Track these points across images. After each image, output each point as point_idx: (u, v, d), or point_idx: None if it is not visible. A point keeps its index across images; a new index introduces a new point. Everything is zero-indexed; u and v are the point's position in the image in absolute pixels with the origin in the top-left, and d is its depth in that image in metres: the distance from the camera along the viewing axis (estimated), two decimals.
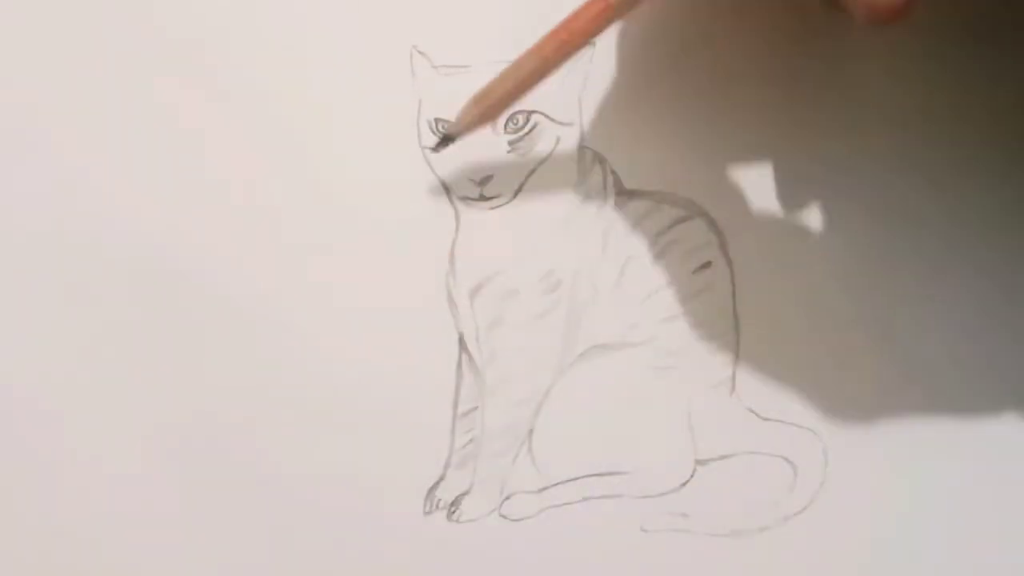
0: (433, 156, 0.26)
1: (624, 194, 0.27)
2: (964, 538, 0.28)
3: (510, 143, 0.26)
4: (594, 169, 0.27)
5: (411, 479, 0.27)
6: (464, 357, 0.27)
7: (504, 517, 0.28)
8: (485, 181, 0.26)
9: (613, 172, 0.27)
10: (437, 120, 0.26)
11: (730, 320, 0.28)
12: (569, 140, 0.27)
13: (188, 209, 0.25)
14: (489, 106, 0.24)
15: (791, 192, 0.27)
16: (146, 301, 0.26)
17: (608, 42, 0.26)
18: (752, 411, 0.28)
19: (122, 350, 0.26)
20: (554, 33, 0.23)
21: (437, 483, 0.27)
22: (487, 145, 0.26)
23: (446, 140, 0.25)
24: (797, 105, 0.27)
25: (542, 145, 0.27)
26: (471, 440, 0.27)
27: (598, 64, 0.26)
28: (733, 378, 0.28)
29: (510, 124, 0.26)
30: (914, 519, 0.28)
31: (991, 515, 0.28)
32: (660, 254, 0.27)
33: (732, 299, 0.28)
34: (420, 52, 0.26)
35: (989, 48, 0.27)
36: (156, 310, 0.26)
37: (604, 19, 0.23)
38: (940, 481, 0.28)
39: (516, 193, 0.27)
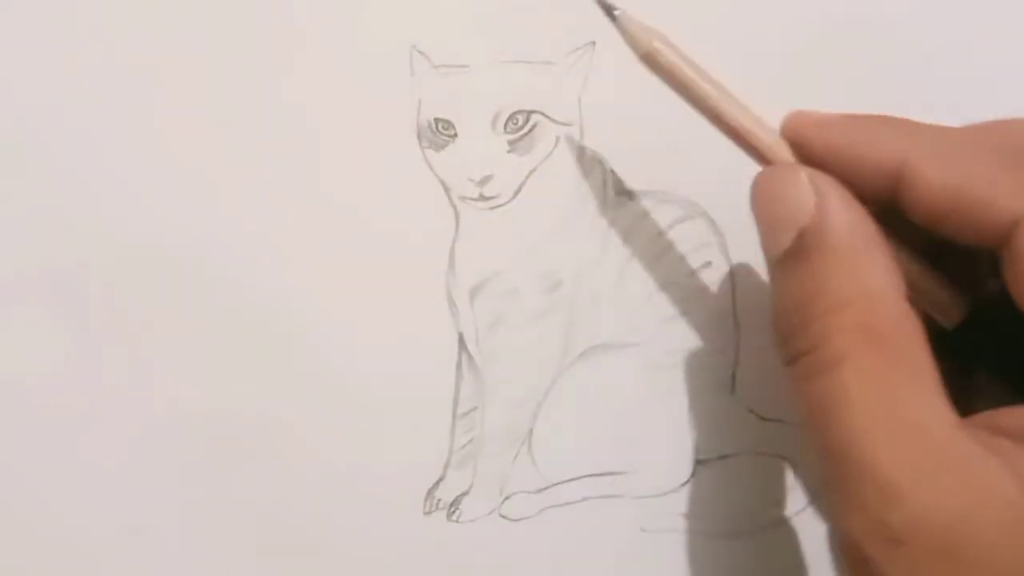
0: (433, 156, 0.26)
1: (624, 194, 0.27)
2: None
3: (510, 143, 0.26)
4: (594, 169, 0.27)
5: (411, 479, 0.27)
6: (464, 357, 0.27)
7: (504, 517, 0.28)
8: (485, 181, 0.26)
9: (613, 172, 0.27)
10: (437, 120, 0.26)
11: (730, 320, 0.28)
12: (569, 140, 0.27)
13: (183, 210, 0.25)
14: (664, 55, 0.23)
15: None
16: (140, 303, 0.26)
17: (608, 42, 0.26)
18: (752, 411, 0.28)
19: (118, 345, 0.26)
20: (750, 119, 0.23)
21: (437, 483, 0.27)
22: (486, 145, 0.26)
23: (606, 8, 0.23)
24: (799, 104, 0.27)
25: (542, 145, 0.27)
26: (471, 440, 0.27)
27: (598, 64, 0.26)
28: (733, 378, 0.28)
29: (510, 124, 0.26)
30: None
31: None
32: (660, 254, 0.27)
33: (732, 299, 0.28)
34: (420, 52, 0.26)
35: None
36: (150, 312, 0.26)
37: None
38: None
39: (516, 193, 0.27)
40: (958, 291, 0.21)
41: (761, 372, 0.28)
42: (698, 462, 0.28)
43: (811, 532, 0.28)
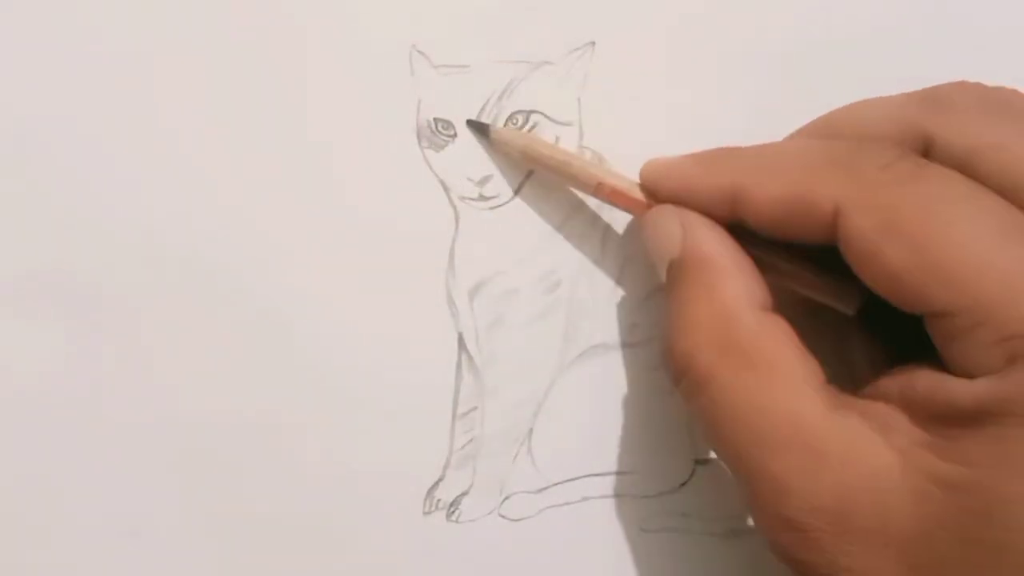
0: (432, 156, 0.26)
1: None
2: None
3: None
4: None
5: (411, 479, 0.27)
6: (463, 357, 0.27)
7: (504, 517, 0.28)
8: (484, 181, 0.26)
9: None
10: (436, 120, 0.26)
11: None
12: (569, 140, 0.27)
13: (182, 211, 0.25)
14: (531, 152, 0.25)
15: None
16: (144, 301, 0.26)
17: (608, 42, 0.26)
18: None
19: (117, 346, 0.26)
20: (608, 176, 0.25)
21: (437, 483, 0.27)
22: (486, 145, 0.26)
23: (481, 128, 0.26)
24: (798, 105, 0.27)
25: None
26: (470, 440, 0.27)
27: (598, 64, 0.26)
28: None
29: (509, 124, 0.26)
30: None
31: None
32: None
33: None
34: (420, 52, 0.26)
35: None
36: (149, 313, 0.26)
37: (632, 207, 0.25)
38: None
39: (515, 193, 0.27)
40: (852, 281, 0.22)
41: None
42: (697, 462, 0.28)
43: None
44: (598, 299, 0.27)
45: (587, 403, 0.28)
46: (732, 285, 0.22)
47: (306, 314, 0.26)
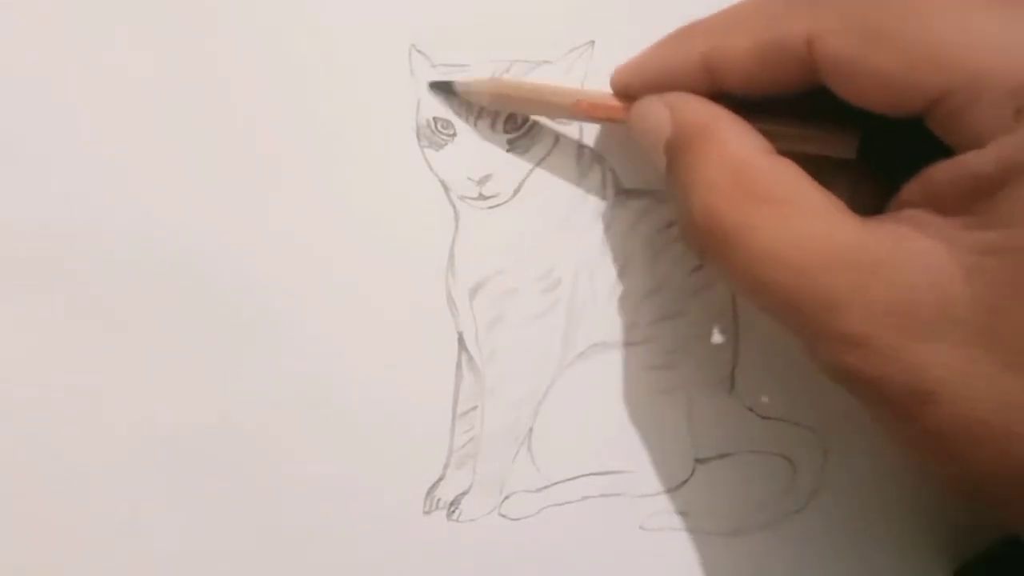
0: (432, 155, 0.26)
1: (623, 193, 0.27)
2: None
3: (509, 142, 0.26)
4: (593, 168, 0.27)
5: (411, 479, 0.27)
6: (464, 357, 0.27)
7: (504, 516, 0.28)
8: (484, 180, 0.26)
9: (612, 171, 0.27)
10: (436, 119, 0.26)
11: (729, 318, 0.28)
12: (568, 139, 0.27)
13: (179, 210, 0.25)
14: (502, 93, 0.25)
15: None
16: (141, 301, 0.26)
17: (608, 42, 0.26)
18: (751, 410, 0.28)
19: (117, 349, 0.26)
20: (584, 94, 0.25)
21: (437, 483, 0.27)
22: (486, 144, 0.26)
23: (444, 86, 0.26)
24: None
25: (541, 144, 0.27)
26: (471, 440, 0.27)
27: (597, 64, 0.26)
28: (732, 377, 0.28)
29: (509, 123, 0.26)
30: (911, 518, 0.28)
31: None
32: (659, 253, 0.27)
33: (731, 297, 0.28)
34: (419, 51, 0.26)
35: None
36: (150, 310, 0.26)
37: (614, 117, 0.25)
38: None
39: (515, 192, 0.27)
40: (846, 126, 0.23)
41: (760, 371, 0.28)
42: (697, 461, 0.28)
43: (810, 531, 0.28)
44: (598, 298, 0.27)
45: (587, 402, 0.28)
46: (735, 137, 0.22)
47: (306, 314, 0.26)
